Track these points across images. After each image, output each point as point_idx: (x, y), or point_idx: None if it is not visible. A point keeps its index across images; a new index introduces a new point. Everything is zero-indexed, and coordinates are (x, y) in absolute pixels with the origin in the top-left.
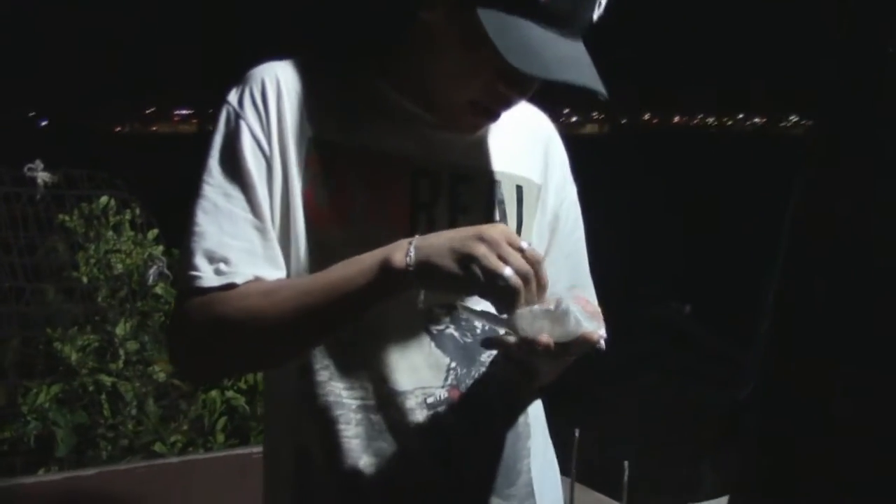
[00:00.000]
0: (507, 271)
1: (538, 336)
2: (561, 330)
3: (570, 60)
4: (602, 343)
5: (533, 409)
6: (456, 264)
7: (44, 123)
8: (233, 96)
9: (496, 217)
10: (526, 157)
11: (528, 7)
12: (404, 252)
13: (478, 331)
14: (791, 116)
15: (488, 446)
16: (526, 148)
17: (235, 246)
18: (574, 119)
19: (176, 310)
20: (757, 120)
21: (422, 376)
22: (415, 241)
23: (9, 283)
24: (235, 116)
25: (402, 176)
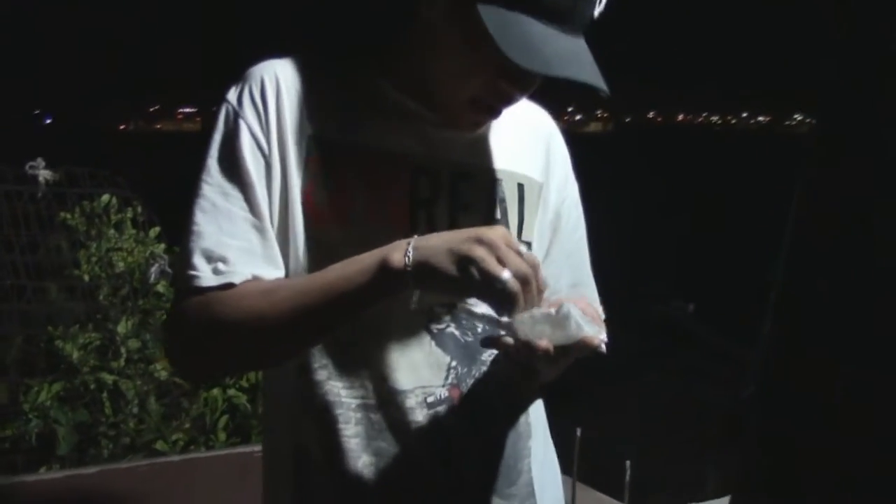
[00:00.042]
0: (506, 274)
1: (538, 341)
2: (562, 334)
3: (572, 56)
4: (603, 347)
5: (534, 409)
6: (454, 266)
7: (48, 121)
8: (232, 95)
9: (497, 216)
10: (527, 155)
11: (529, 3)
12: (403, 252)
13: (479, 329)
14: (795, 115)
15: (489, 446)
16: (527, 146)
17: (234, 245)
18: (578, 117)
19: (174, 309)
20: (761, 118)
21: (422, 375)
22: (413, 241)
23: (10, 281)
24: (234, 115)
25: (402, 174)
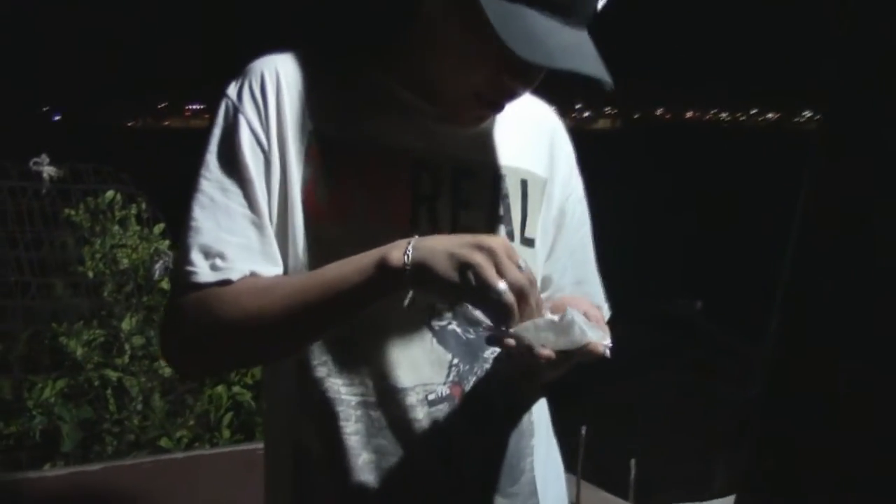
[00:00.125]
0: (502, 285)
1: (540, 348)
2: (565, 340)
3: (575, 49)
4: (607, 352)
5: (537, 407)
6: (452, 270)
7: (56, 118)
8: (232, 90)
9: (500, 212)
10: (531, 150)
11: None
12: (402, 251)
13: (480, 327)
14: (805, 112)
15: (491, 444)
16: (531, 141)
17: (232, 241)
18: (586, 114)
19: (170, 304)
20: (770, 115)
21: (423, 373)
22: (413, 241)
23: (14, 278)
24: (234, 110)
25: (403, 169)
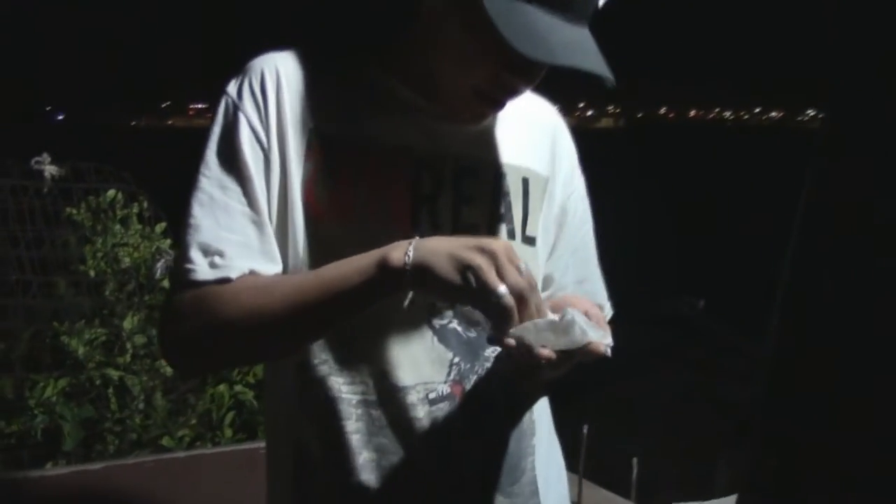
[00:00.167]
0: (502, 289)
1: (540, 348)
2: (566, 340)
3: (576, 45)
4: (608, 352)
5: (538, 406)
6: (453, 271)
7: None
8: (232, 87)
9: (501, 210)
10: (532, 148)
11: None
12: (402, 251)
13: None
14: (809, 110)
15: (491, 443)
16: (532, 139)
17: (231, 239)
18: (589, 113)
19: (169, 302)
20: (774, 114)
21: (424, 371)
22: (414, 242)
23: (16, 277)
24: (234, 108)
25: (404, 168)
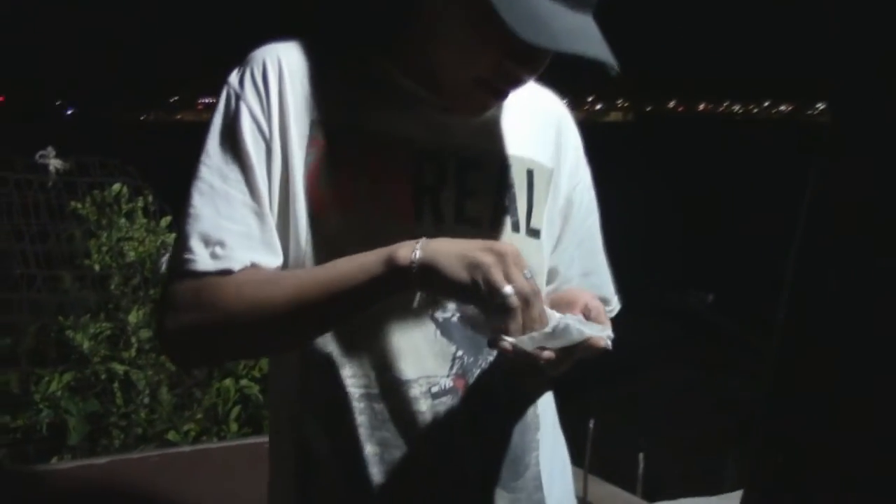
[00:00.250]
0: (508, 289)
1: (539, 354)
2: (564, 341)
3: (580, 32)
4: (609, 345)
5: (543, 400)
6: (460, 269)
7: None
8: (234, 77)
9: (505, 202)
10: (537, 140)
11: None
12: (410, 249)
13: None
14: (818, 104)
15: (494, 438)
16: (537, 131)
17: (232, 229)
18: (598, 107)
19: (167, 291)
20: (783, 107)
21: (427, 365)
22: (422, 241)
23: (21, 271)
24: (235, 98)
25: (406, 159)
